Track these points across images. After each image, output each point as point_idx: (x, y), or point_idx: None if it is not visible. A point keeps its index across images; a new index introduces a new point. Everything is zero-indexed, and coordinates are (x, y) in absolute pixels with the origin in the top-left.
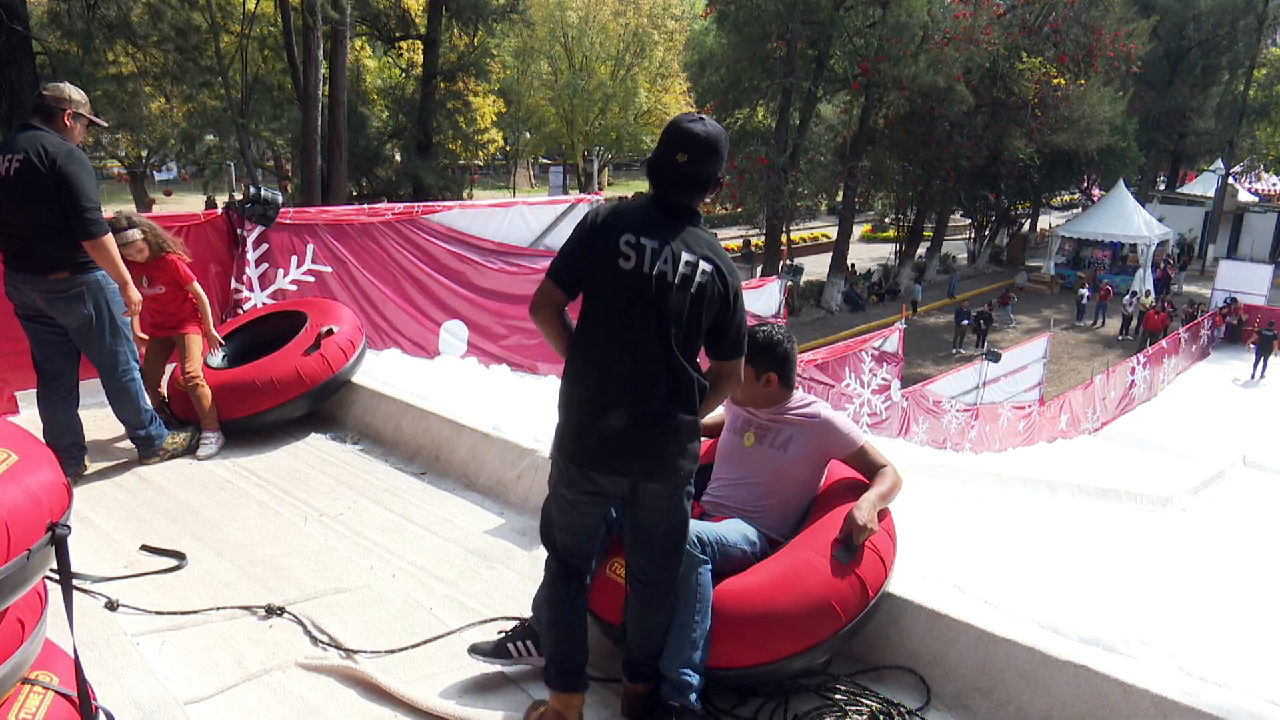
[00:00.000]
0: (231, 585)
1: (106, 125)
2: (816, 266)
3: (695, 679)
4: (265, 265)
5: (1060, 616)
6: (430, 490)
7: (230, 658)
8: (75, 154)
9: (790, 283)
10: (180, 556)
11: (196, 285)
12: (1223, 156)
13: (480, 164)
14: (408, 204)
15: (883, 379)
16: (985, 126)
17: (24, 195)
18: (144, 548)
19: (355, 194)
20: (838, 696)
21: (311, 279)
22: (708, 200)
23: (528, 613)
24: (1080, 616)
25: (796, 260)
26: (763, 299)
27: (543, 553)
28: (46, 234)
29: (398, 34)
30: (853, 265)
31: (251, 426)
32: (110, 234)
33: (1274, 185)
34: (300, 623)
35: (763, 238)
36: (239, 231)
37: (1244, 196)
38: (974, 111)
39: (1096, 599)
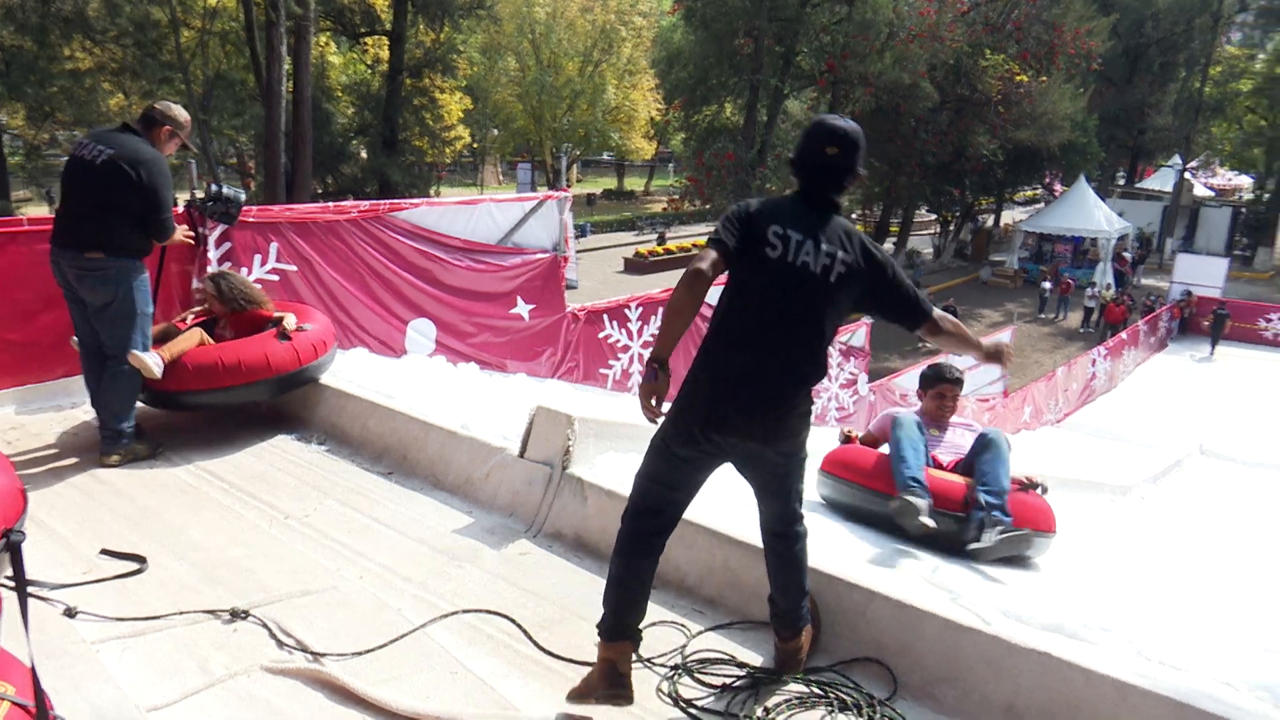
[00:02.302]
0: (194, 589)
1: (195, 150)
2: None
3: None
4: (228, 264)
5: (1024, 605)
6: (397, 490)
7: (194, 663)
8: (162, 163)
9: None
10: (141, 560)
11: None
12: (1180, 152)
13: (447, 161)
14: (374, 201)
15: (850, 373)
16: (950, 123)
17: (100, 185)
18: (104, 552)
19: (320, 191)
20: (805, 688)
21: (276, 278)
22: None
23: (496, 607)
24: (1043, 605)
25: None
26: None
27: (513, 550)
28: (97, 217)
29: (363, 29)
30: None
31: (212, 406)
32: (176, 230)
33: (1229, 180)
34: (265, 626)
35: None
36: (200, 230)
37: (1200, 191)
38: (939, 108)
39: (1059, 587)
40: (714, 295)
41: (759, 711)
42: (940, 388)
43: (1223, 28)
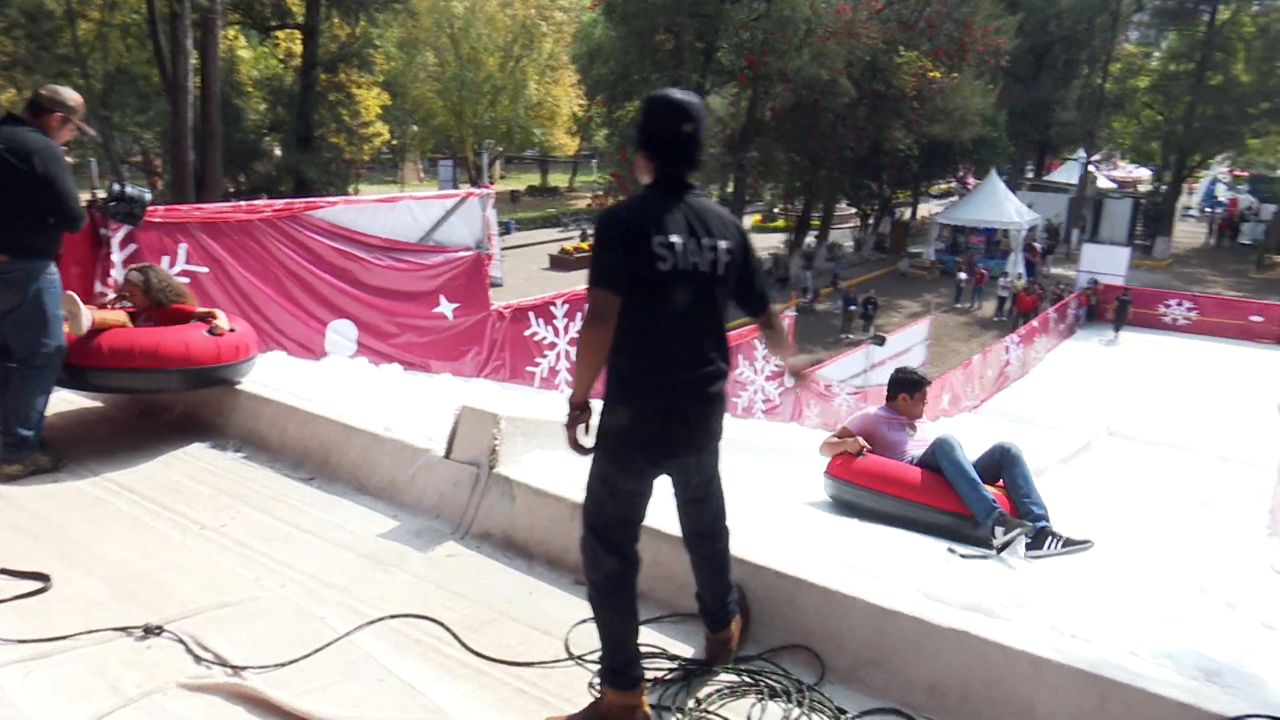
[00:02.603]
0: (103, 606)
1: (93, 135)
2: None
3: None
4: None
5: (944, 586)
6: (319, 495)
7: (104, 683)
8: (55, 149)
9: None
10: (44, 578)
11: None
12: (1084, 146)
13: (366, 158)
14: (289, 200)
15: (775, 365)
16: (867, 118)
17: None
18: (2, 571)
19: (232, 190)
20: (736, 677)
21: (186, 280)
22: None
23: (424, 611)
24: (963, 585)
25: None
26: None
27: (440, 552)
28: None
29: (274, 23)
30: None
31: (120, 389)
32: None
33: (1129, 173)
34: (181, 641)
35: None
36: (102, 231)
37: (1103, 183)
38: (856, 103)
39: (977, 567)
40: None
41: (691, 703)
42: (923, 390)
43: (1121, 27)
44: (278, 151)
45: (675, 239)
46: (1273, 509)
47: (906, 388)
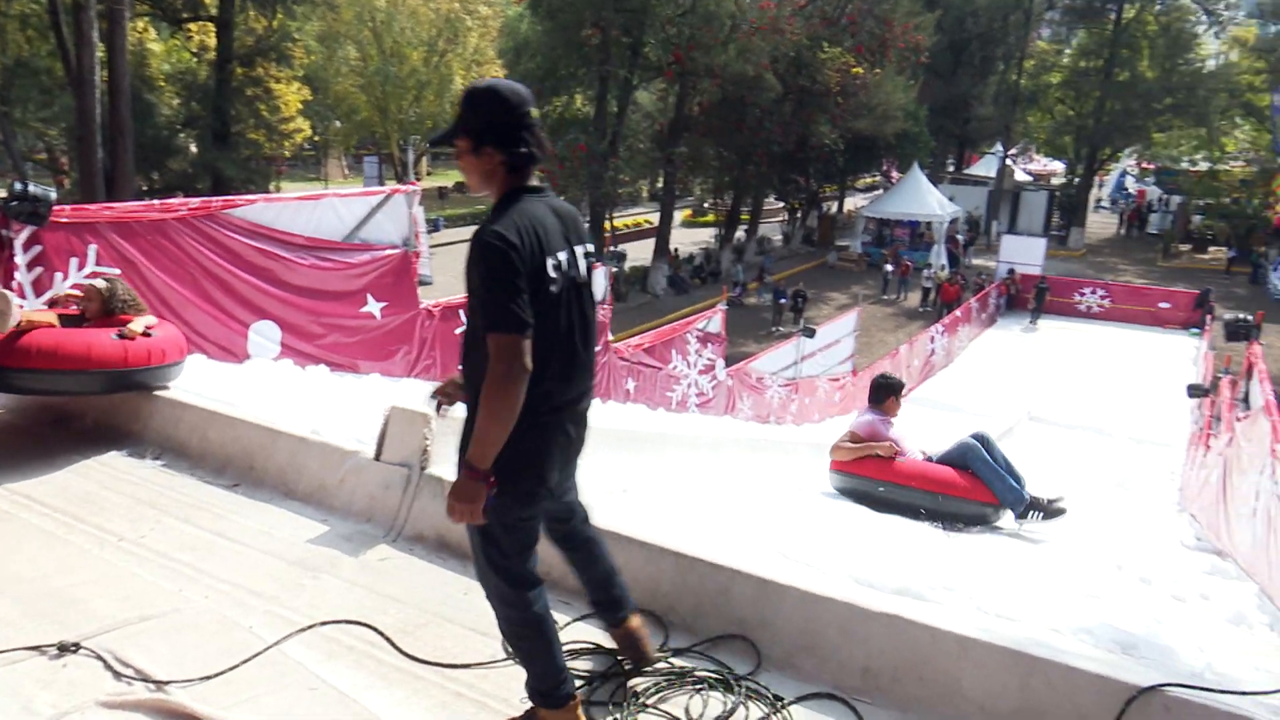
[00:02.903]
0: (14, 624)
1: None
2: (641, 252)
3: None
4: (39, 269)
5: (874, 571)
6: (245, 502)
7: (16, 705)
8: None
9: (615, 269)
10: None
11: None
12: (1001, 140)
13: (287, 155)
14: (205, 198)
15: (708, 359)
16: (793, 113)
17: None
18: None
19: (145, 189)
20: (672, 670)
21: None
22: None
23: (356, 616)
24: (892, 570)
25: (620, 247)
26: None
27: (372, 556)
28: None
29: (185, 14)
30: (675, 250)
31: (17, 389)
32: None
33: (1044, 166)
34: (100, 658)
35: (586, 225)
36: (3, 232)
37: (1021, 176)
38: (782, 99)
39: (906, 551)
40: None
41: (628, 697)
42: (902, 394)
43: (1034, 24)
44: (193, 148)
45: (562, 255)
46: (1182, 487)
47: (894, 392)
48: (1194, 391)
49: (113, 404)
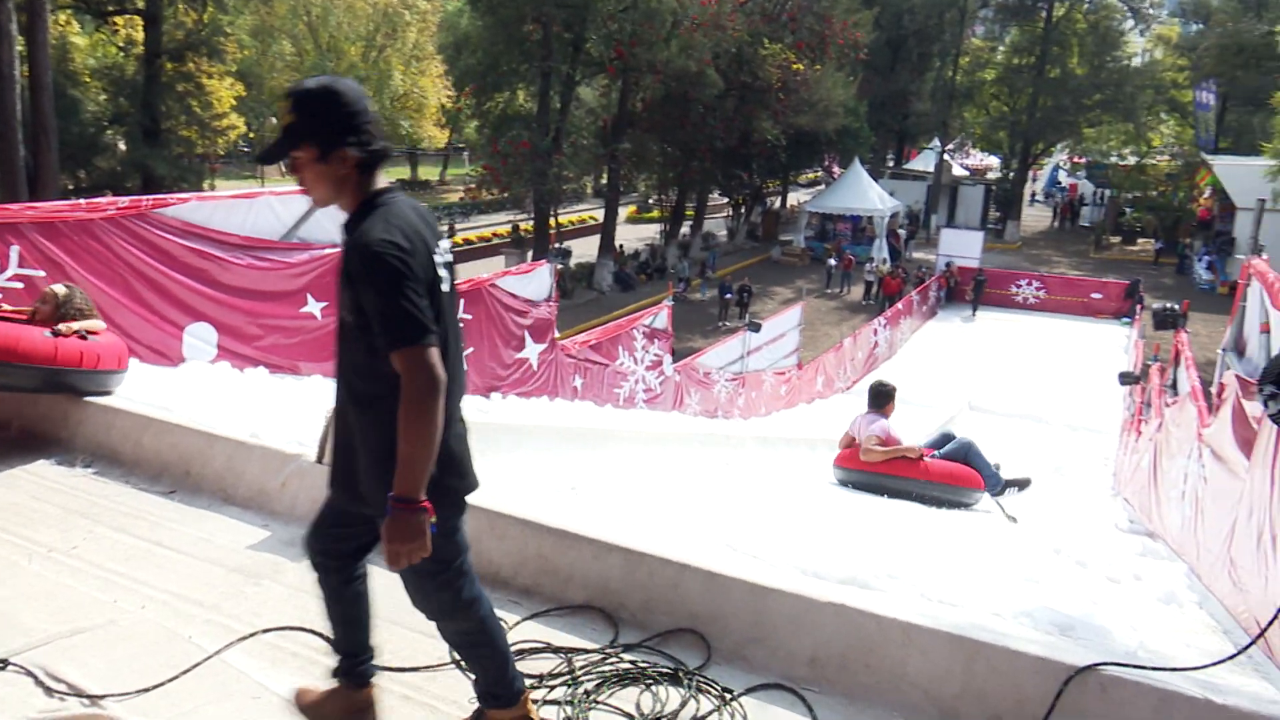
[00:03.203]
0: None
1: None
2: (586, 249)
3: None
4: None
5: (821, 562)
6: (182, 509)
7: None
8: None
9: (560, 266)
10: None
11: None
12: (939, 135)
13: (221, 153)
14: (135, 197)
15: (655, 355)
16: (735, 109)
17: None
18: None
19: (71, 188)
20: (623, 666)
21: (20, 285)
22: None
23: (300, 622)
24: (838, 560)
25: (566, 243)
26: (533, 284)
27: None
28: None
29: (110, 8)
30: (621, 246)
31: None
32: None
33: (981, 161)
34: (30, 674)
35: (531, 222)
36: None
37: (958, 171)
38: (724, 95)
39: (852, 541)
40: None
41: (580, 694)
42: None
43: (968, 22)
44: (122, 146)
45: (438, 256)
46: (1116, 472)
47: (892, 397)
48: (1125, 379)
49: (39, 411)
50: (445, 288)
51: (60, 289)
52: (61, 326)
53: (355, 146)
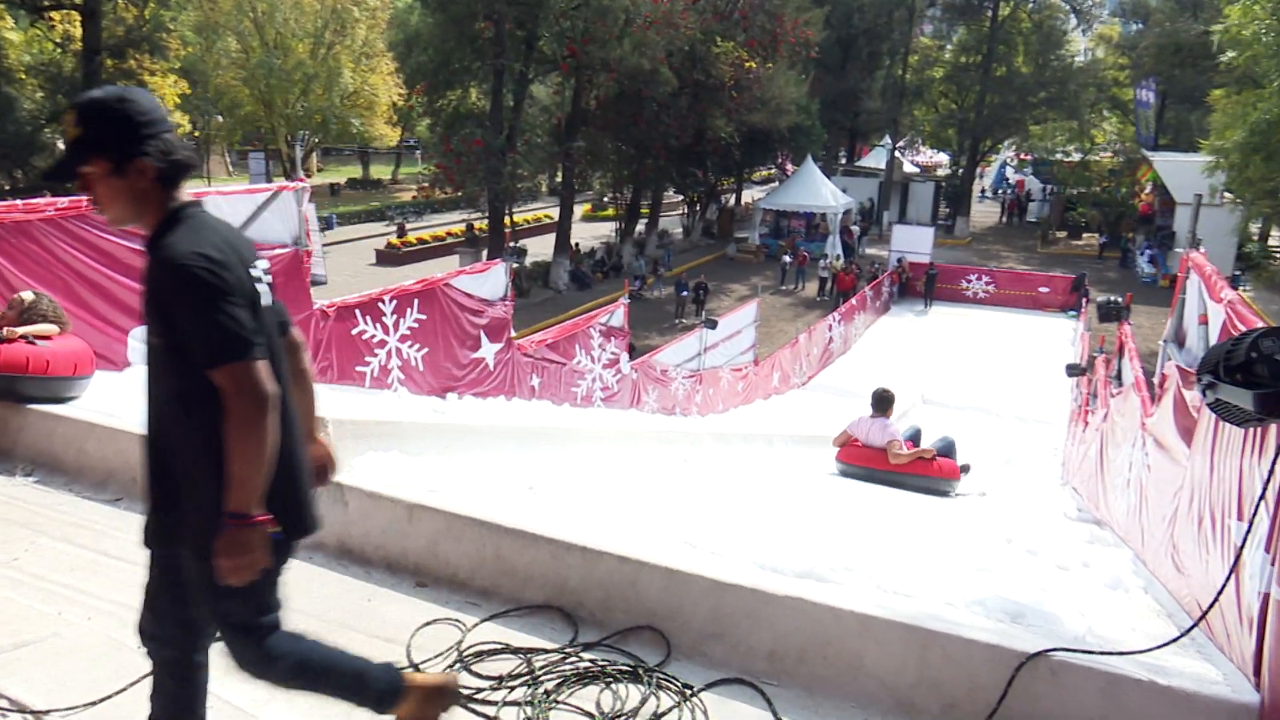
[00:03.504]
0: None
1: None
2: (542, 247)
3: None
4: None
5: (778, 556)
6: (129, 517)
7: None
8: None
9: (516, 265)
10: None
11: None
12: (889, 133)
13: None
14: (75, 197)
15: (612, 353)
16: (689, 107)
17: None
18: None
19: (7, 188)
20: (583, 666)
21: None
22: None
23: None
24: (795, 554)
25: (521, 242)
26: (489, 283)
27: None
28: None
29: (46, 2)
30: (577, 244)
31: None
32: None
33: (931, 158)
34: None
35: (485, 221)
36: None
37: (909, 168)
38: (678, 93)
39: (809, 536)
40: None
41: (539, 694)
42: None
43: (916, 21)
44: (60, 145)
45: (253, 269)
46: (1064, 462)
47: (892, 402)
48: (1072, 371)
49: None
50: (266, 300)
51: (28, 295)
52: (4, 330)
53: (154, 157)
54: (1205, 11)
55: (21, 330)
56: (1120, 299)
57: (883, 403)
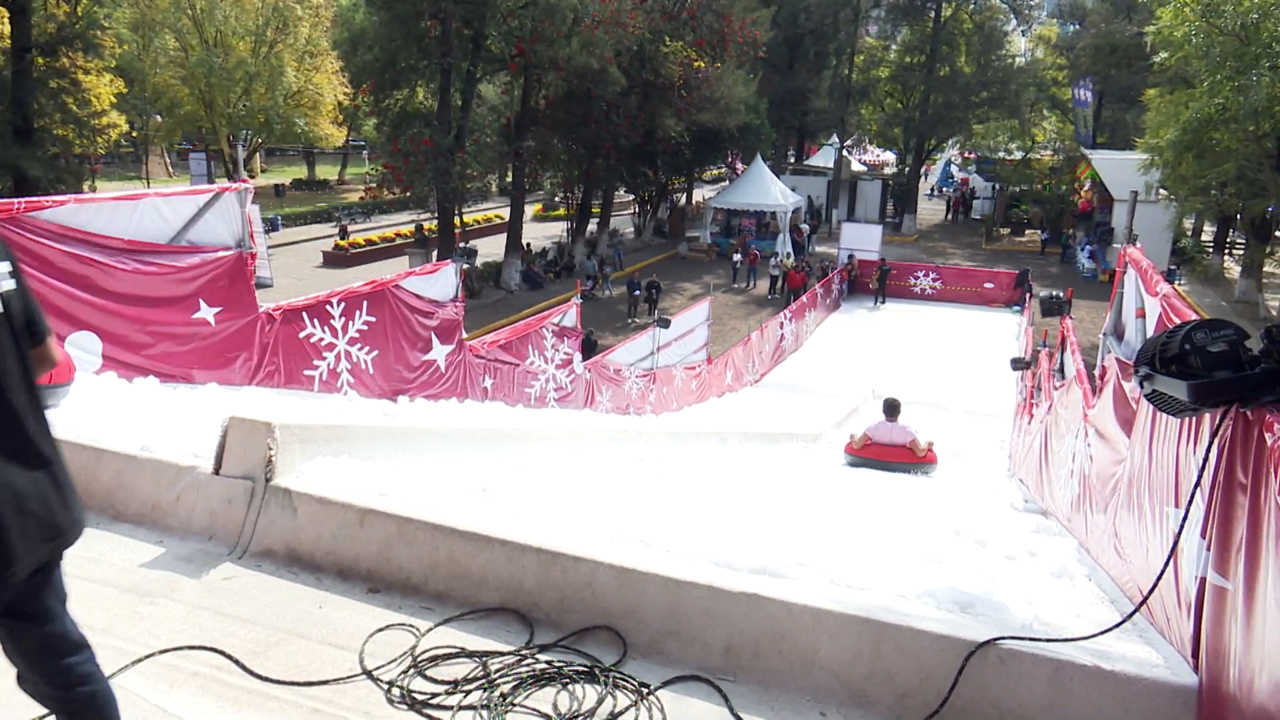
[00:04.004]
0: None
1: None
2: (493, 248)
3: None
4: None
5: (733, 553)
6: None
7: None
8: None
9: (466, 265)
10: None
11: None
12: (837, 132)
13: (102, 152)
14: (6, 199)
15: (565, 353)
16: (639, 106)
17: None
18: None
19: None
20: (540, 668)
21: None
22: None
23: (200, 641)
24: (749, 550)
25: (472, 242)
26: (439, 284)
27: (215, 576)
28: None
29: None
30: (528, 244)
31: None
32: None
33: (878, 156)
34: None
35: (435, 222)
36: None
37: (856, 167)
38: (627, 92)
39: (762, 532)
40: None
41: (495, 698)
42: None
43: (861, 21)
44: None
45: None
46: (1011, 454)
47: (900, 409)
48: (1016, 365)
49: None
50: None
51: None
52: None
53: None
54: (1139, 13)
55: None
56: (1062, 294)
57: (894, 410)
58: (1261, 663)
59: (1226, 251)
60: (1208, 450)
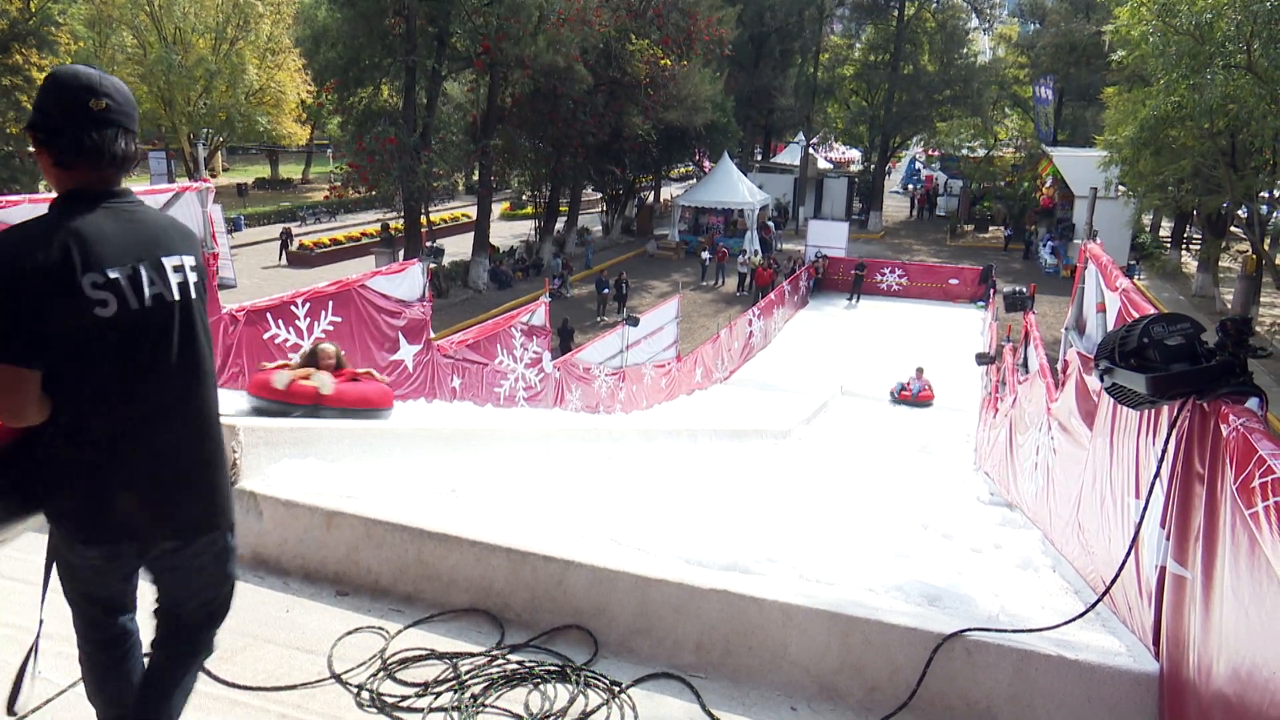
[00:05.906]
0: None
1: None
2: (460, 246)
3: None
4: None
5: (703, 550)
6: (24, 536)
7: None
8: None
9: (433, 265)
10: None
11: None
12: (803, 130)
13: None
14: None
15: (534, 352)
16: (605, 104)
17: None
18: None
19: None
20: (511, 668)
21: None
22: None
23: None
24: (719, 547)
25: (439, 241)
26: (405, 283)
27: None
28: None
29: None
30: (496, 244)
31: None
32: None
33: (843, 154)
34: None
35: (401, 221)
36: None
37: (823, 164)
38: (594, 90)
39: (733, 529)
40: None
41: (466, 699)
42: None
43: (826, 19)
44: None
45: (118, 273)
46: (976, 448)
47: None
48: (981, 359)
49: None
50: (110, 312)
51: (331, 346)
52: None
53: (51, 145)
54: (1098, 12)
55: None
56: (1025, 289)
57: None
58: (1219, 649)
59: (1184, 247)
60: (1166, 441)
